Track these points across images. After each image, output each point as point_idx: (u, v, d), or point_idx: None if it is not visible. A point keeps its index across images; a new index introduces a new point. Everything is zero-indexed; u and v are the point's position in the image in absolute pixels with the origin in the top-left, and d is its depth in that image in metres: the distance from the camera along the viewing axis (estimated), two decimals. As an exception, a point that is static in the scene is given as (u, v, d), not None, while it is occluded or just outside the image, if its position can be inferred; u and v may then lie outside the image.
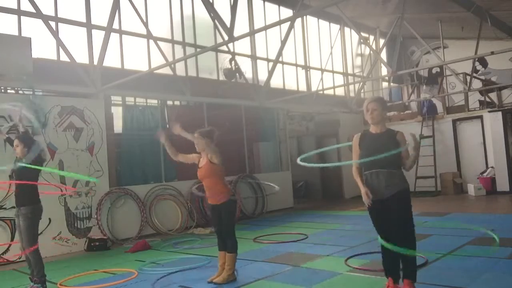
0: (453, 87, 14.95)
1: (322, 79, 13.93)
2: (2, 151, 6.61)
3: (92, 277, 5.51)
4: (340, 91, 14.87)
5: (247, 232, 8.18)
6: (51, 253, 7.01)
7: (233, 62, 11.03)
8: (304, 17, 13.58)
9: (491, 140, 11.99)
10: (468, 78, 12.78)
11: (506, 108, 12.23)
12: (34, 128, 7.21)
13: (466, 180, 12.65)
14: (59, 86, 7.83)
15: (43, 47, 7.91)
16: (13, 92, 7.48)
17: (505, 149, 11.72)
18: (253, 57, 12.07)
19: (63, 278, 5.39)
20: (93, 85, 8.10)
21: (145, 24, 9.15)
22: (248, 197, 10.72)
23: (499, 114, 11.93)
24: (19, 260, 6.68)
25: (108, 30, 8.12)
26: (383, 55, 15.93)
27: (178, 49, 10.21)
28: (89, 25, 8.51)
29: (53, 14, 8.14)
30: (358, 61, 16.13)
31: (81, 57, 8.27)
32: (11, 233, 6.82)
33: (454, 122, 13.03)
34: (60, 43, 7.73)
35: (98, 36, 8.46)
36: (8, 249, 6.77)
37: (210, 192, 4.83)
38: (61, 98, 7.82)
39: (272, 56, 11.71)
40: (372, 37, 16.41)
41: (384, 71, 16.06)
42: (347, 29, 15.20)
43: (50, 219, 7.10)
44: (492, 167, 11.96)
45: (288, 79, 13.04)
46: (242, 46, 11.56)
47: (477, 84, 13.95)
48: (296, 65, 13.36)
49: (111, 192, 8.21)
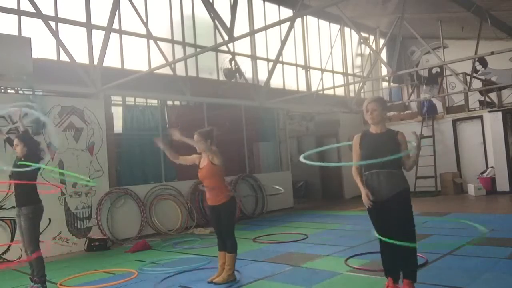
0: (453, 87, 14.95)
1: (322, 79, 13.93)
2: (2, 151, 6.61)
3: (92, 277, 5.51)
4: (340, 91, 14.87)
5: (247, 232, 8.18)
6: (51, 253, 7.00)
7: (233, 62, 11.02)
8: (304, 17, 13.58)
9: (491, 140, 11.99)
10: (468, 78, 12.78)
11: (506, 108, 12.23)
12: (34, 128, 7.23)
13: (466, 180, 12.65)
14: (59, 86, 7.84)
15: (43, 47, 7.91)
16: (13, 92, 7.49)
17: (505, 149, 11.73)
18: (253, 57, 12.07)
19: (63, 278, 5.39)
20: (93, 85, 8.10)
21: (145, 24, 9.15)
22: (248, 196, 10.72)
23: (499, 114, 11.93)
24: (19, 260, 6.68)
25: (108, 30, 8.12)
26: (383, 55, 15.93)
27: (178, 49, 10.21)
28: (89, 25, 8.51)
29: (53, 14, 8.14)
30: (358, 61, 16.13)
31: (81, 57, 8.27)
32: (11, 233, 6.83)
33: (454, 122, 13.03)
34: (60, 43, 7.73)
35: (98, 36, 8.46)
36: (8, 249, 6.77)
37: (210, 193, 4.83)
38: (61, 98, 7.82)
39: (272, 56, 11.71)
40: (372, 37, 16.41)
41: (384, 71, 16.06)
42: (347, 29, 15.20)
43: (50, 219, 7.11)
44: (492, 167, 11.96)
45: (288, 79, 13.04)
46: (242, 46, 11.55)
47: (477, 84, 13.95)
48: (296, 65, 13.36)
49: (111, 192, 8.21)
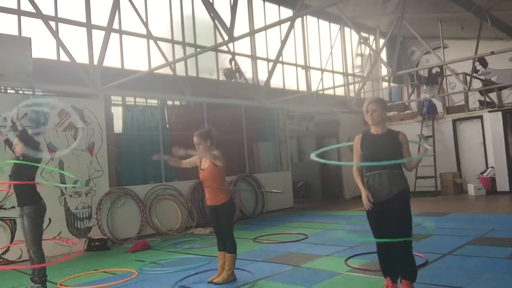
0: (453, 87, 14.95)
1: (322, 79, 13.93)
2: (2, 151, 6.61)
3: (92, 277, 5.51)
4: (340, 91, 14.87)
5: (247, 232, 8.18)
6: (51, 253, 6.99)
7: (233, 62, 11.02)
8: (304, 17, 13.58)
9: (491, 140, 11.99)
10: (468, 78, 12.78)
11: (506, 108, 12.23)
12: (34, 128, 7.23)
13: (466, 180, 12.65)
14: (59, 86, 7.83)
15: (43, 47, 7.91)
16: (13, 92, 7.49)
17: (505, 149, 11.73)
18: (253, 57, 12.07)
19: (63, 278, 5.39)
20: (93, 85, 8.10)
21: (145, 24, 9.15)
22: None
23: (499, 114, 11.93)
24: (19, 260, 6.69)
25: (108, 30, 8.12)
26: (383, 55, 15.93)
27: (178, 49, 10.21)
28: (89, 25, 8.51)
29: (53, 14, 8.14)
30: (358, 61, 16.12)
31: (81, 57, 8.27)
32: (11, 233, 6.83)
33: (454, 122, 13.03)
34: (60, 43, 7.73)
35: (98, 36, 8.46)
36: (8, 249, 6.77)
37: (211, 193, 4.82)
38: (61, 98, 7.81)
39: (272, 56, 11.71)
40: (372, 37, 16.41)
41: (384, 71, 16.06)
42: (347, 29, 15.20)
43: (50, 219, 7.09)
44: (492, 167, 11.96)
45: (288, 79, 13.04)
46: (242, 46, 11.55)
47: (477, 84, 13.95)
48: (296, 65, 13.35)
49: (111, 192, 8.21)
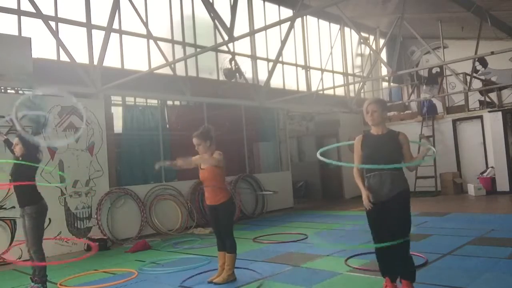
0: (453, 87, 14.95)
1: (322, 79, 13.93)
2: (2, 152, 6.60)
3: (92, 277, 5.51)
4: (340, 91, 14.87)
5: (247, 232, 8.18)
6: (51, 253, 7.00)
7: (233, 62, 11.02)
8: (304, 17, 13.58)
9: (491, 140, 11.99)
10: (468, 78, 12.78)
11: (506, 108, 12.23)
12: (34, 128, 7.23)
13: (466, 180, 12.65)
14: (59, 86, 7.81)
15: (43, 47, 7.92)
16: (13, 92, 7.48)
17: (505, 149, 11.73)
18: (253, 57, 12.07)
19: (63, 278, 5.39)
20: (93, 85, 8.10)
21: (145, 24, 9.15)
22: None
23: (499, 114, 11.93)
24: (19, 260, 6.68)
25: (108, 30, 8.12)
26: (383, 55, 15.94)
27: (178, 49, 10.21)
28: (89, 25, 8.51)
29: (53, 14, 8.14)
30: (358, 61, 16.12)
31: (81, 57, 8.27)
32: (11, 233, 6.83)
33: (454, 122, 13.03)
34: (60, 43, 7.73)
35: (98, 36, 8.46)
36: (8, 249, 6.77)
37: (210, 193, 4.82)
38: (61, 98, 7.80)
39: (272, 56, 11.71)
40: (372, 37, 16.41)
41: (384, 71, 16.06)
42: (347, 29, 15.20)
43: (50, 219, 7.07)
44: (492, 167, 11.96)
45: (288, 79, 13.04)
46: (242, 46, 11.55)
47: (477, 84, 13.95)
48: (296, 65, 13.36)
49: (111, 192, 8.21)
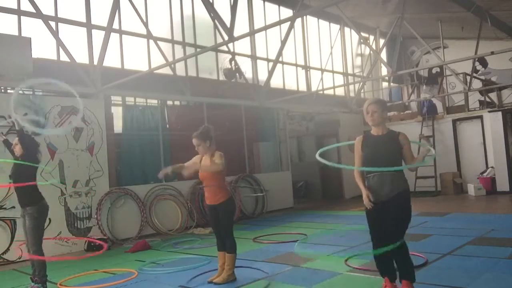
0: (453, 87, 14.95)
1: (322, 79, 13.93)
2: (2, 152, 6.60)
3: (92, 277, 5.51)
4: (340, 91, 14.87)
5: (247, 232, 8.18)
6: (51, 253, 6.99)
7: (233, 62, 11.02)
8: (304, 17, 13.58)
9: (491, 140, 11.99)
10: (468, 78, 12.78)
11: (506, 108, 12.23)
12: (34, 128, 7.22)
13: (466, 180, 12.65)
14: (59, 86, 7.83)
15: (43, 47, 7.91)
16: (13, 92, 7.48)
17: (505, 149, 11.73)
18: (253, 57, 12.07)
19: (63, 278, 5.39)
20: (93, 85, 8.10)
21: (145, 24, 9.14)
22: (248, 197, 10.73)
23: (499, 114, 11.93)
24: (19, 260, 6.69)
25: (108, 30, 8.11)
26: (383, 55, 15.93)
27: (178, 49, 10.20)
28: (89, 25, 8.51)
29: (53, 14, 8.14)
30: (358, 61, 16.12)
31: (81, 57, 8.27)
32: (11, 233, 6.83)
33: (454, 122, 13.03)
34: (60, 43, 7.72)
35: (98, 36, 8.46)
36: (8, 249, 6.77)
37: (210, 193, 4.82)
38: (61, 98, 7.81)
39: (272, 56, 11.71)
40: (372, 37, 16.41)
41: (384, 71, 16.06)
42: (347, 29, 15.19)
43: (50, 219, 7.06)
44: (492, 167, 11.96)
45: (288, 79, 13.04)
46: (242, 46, 11.55)
47: (477, 84, 13.95)
48: (296, 65, 13.35)
49: (111, 192, 8.21)
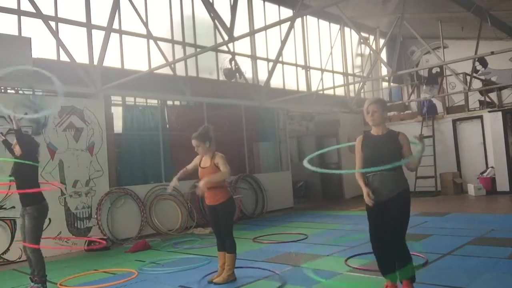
0: (453, 87, 14.95)
1: (322, 79, 13.93)
2: (2, 152, 6.60)
3: (92, 277, 5.51)
4: (340, 91, 14.87)
5: (247, 232, 8.18)
6: (51, 253, 7.00)
7: (233, 62, 11.02)
8: (304, 17, 13.58)
9: (491, 140, 11.99)
10: (468, 78, 12.78)
11: (506, 108, 12.23)
12: (34, 129, 7.24)
13: (466, 180, 12.65)
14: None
15: (43, 47, 7.92)
16: (13, 92, 7.49)
17: (505, 149, 11.72)
18: (253, 57, 12.07)
19: (63, 278, 5.39)
20: (93, 85, 8.10)
21: (145, 24, 9.14)
22: (248, 196, 10.72)
23: (499, 114, 11.93)
24: (19, 260, 6.69)
25: (108, 30, 8.12)
26: (383, 55, 15.93)
27: (178, 49, 10.20)
28: (89, 25, 8.51)
29: (53, 14, 8.14)
30: (358, 61, 16.12)
31: (81, 57, 8.27)
32: (11, 233, 6.82)
33: (454, 122, 13.03)
34: (60, 43, 7.72)
35: (98, 36, 8.46)
36: (8, 249, 6.77)
37: (210, 193, 4.81)
38: (61, 98, 7.81)
39: (272, 56, 11.71)
40: (372, 37, 16.41)
41: (384, 71, 16.06)
42: (347, 29, 15.19)
43: (50, 219, 7.07)
44: (492, 167, 11.95)
45: (288, 79, 13.04)
46: (242, 46, 11.55)
47: (477, 84, 13.95)
48: (296, 65, 13.35)
49: (111, 192, 8.21)
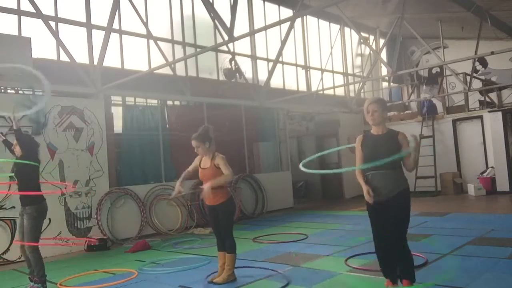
0: (453, 87, 14.95)
1: (322, 79, 13.93)
2: (2, 152, 6.60)
3: (92, 277, 5.51)
4: (340, 91, 14.87)
5: (247, 232, 8.18)
6: (51, 253, 7.01)
7: (233, 62, 11.02)
8: (304, 17, 13.58)
9: (491, 140, 11.99)
10: (468, 78, 12.78)
11: (506, 108, 12.23)
12: (34, 129, 7.25)
13: (466, 180, 12.65)
14: (59, 86, 7.80)
15: (43, 47, 7.92)
16: (13, 92, 7.49)
17: (505, 149, 11.72)
18: (253, 57, 12.07)
19: (63, 278, 5.39)
20: (93, 85, 8.10)
21: (145, 24, 9.15)
22: (248, 196, 10.72)
23: (499, 114, 11.93)
24: (19, 260, 6.68)
25: (108, 30, 8.12)
26: (383, 55, 15.93)
27: (178, 49, 10.20)
28: (89, 25, 8.51)
29: (53, 14, 8.14)
30: (358, 61, 16.12)
31: (81, 57, 8.27)
32: (11, 233, 6.82)
33: (454, 122, 13.03)
34: (60, 43, 7.73)
35: (98, 36, 8.46)
36: (8, 249, 6.77)
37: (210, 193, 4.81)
38: (61, 98, 7.81)
39: (272, 56, 11.71)
40: (372, 37, 16.40)
41: (384, 71, 16.06)
42: (347, 29, 15.19)
43: (50, 219, 7.09)
44: (492, 167, 11.95)
45: (288, 79, 13.04)
46: (242, 46, 11.55)
47: (477, 84, 13.95)
48: (296, 65, 13.35)
49: (111, 192, 8.21)
